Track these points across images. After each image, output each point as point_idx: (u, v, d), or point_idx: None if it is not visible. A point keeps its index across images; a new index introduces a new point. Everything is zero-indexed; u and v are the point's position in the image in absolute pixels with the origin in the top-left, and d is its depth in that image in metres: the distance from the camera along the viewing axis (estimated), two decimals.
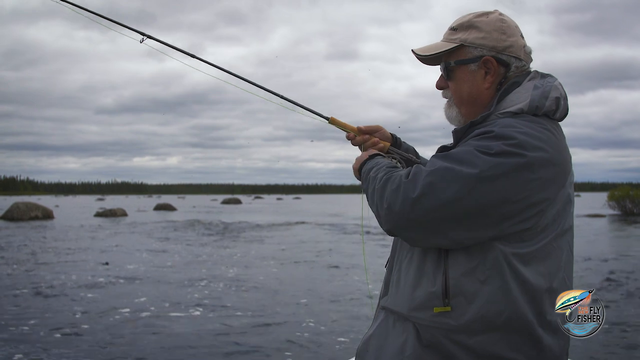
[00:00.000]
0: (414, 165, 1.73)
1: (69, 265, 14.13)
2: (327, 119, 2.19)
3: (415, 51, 1.95)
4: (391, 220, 1.69)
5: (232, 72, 2.30)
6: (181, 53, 2.37)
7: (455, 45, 1.86)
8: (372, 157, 2.01)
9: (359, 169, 2.01)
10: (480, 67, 1.83)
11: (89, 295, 10.37)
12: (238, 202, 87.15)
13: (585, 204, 70.43)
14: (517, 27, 1.87)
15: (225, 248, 18.69)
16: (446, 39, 1.90)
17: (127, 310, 9.10)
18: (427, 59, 1.93)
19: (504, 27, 1.83)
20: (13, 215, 34.67)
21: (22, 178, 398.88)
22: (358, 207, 2.10)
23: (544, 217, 1.64)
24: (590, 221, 32.88)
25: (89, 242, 20.60)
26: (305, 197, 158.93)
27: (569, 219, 1.75)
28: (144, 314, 8.84)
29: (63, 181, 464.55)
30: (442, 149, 1.81)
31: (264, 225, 31.28)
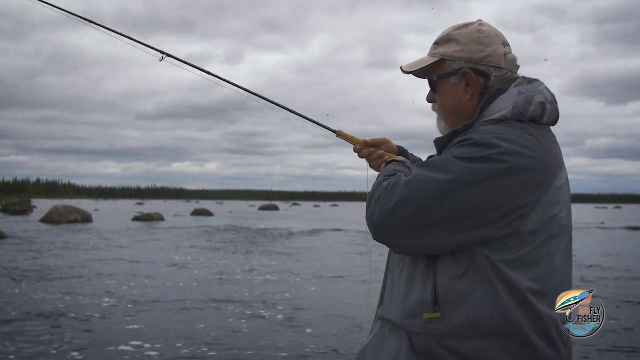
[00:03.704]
0: (396, 175, 1.76)
1: (82, 281, 12.82)
2: (334, 131, 2.24)
3: (402, 68, 1.98)
4: (373, 230, 1.74)
5: (244, 87, 2.41)
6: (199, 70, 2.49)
7: (436, 59, 1.89)
8: (385, 165, 2.00)
9: None
10: (460, 79, 1.84)
11: (87, 323, 8.73)
12: (275, 208, 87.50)
13: (625, 215, 69.25)
14: (498, 35, 1.86)
15: (255, 261, 17.35)
16: (430, 54, 1.93)
17: (125, 347, 7.32)
18: (416, 73, 1.96)
19: (481, 38, 1.84)
20: (52, 218, 35.23)
21: (63, 182, 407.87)
22: None
23: (525, 222, 1.63)
24: (630, 233, 32.24)
25: (117, 250, 19.96)
26: (342, 204, 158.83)
27: (560, 223, 1.72)
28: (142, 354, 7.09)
29: (103, 185, 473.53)
30: (429, 158, 1.85)
31: (297, 232, 31.16)
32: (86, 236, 25.71)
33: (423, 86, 1.95)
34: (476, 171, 1.60)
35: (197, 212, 56.89)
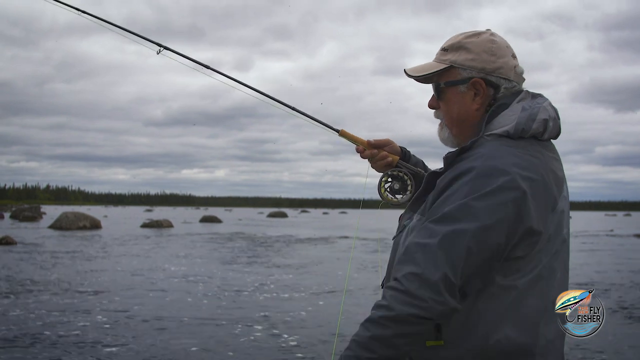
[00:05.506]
0: (411, 244, 1.64)
1: (76, 295, 11.87)
2: (337, 131, 2.20)
3: (406, 71, 1.93)
4: (430, 310, 1.55)
5: (247, 83, 2.37)
6: (199, 65, 2.42)
7: (445, 66, 1.85)
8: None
9: None
10: (469, 88, 1.82)
11: (69, 345, 7.78)
12: (284, 215, 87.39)
13: (635, 223, 68.92)
14: (508, 47, 1.85)
15: (262, 273, 16.49)
16: (437, 60, 1.89)
17: None
18: (420, 79, 1.92)
19: (493, 49, 1.82)
20: (61, 225, 35.36)
21: (73, 188, 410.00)
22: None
23: (538, 243, 1.63)
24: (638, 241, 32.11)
25: (122, 260, 19.50)
26: (351, 212, 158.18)
27: (562, 238, 1.73)
28: None
29: (113, 192, 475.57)
30: (432, 175, 1.83)
31: (306, 240, 31.03)
32: (93, 244, 25.67)
33: (432, 92, 1.91)
34: (498, 208, 1.58)
35: (206, 219, 56.96)
